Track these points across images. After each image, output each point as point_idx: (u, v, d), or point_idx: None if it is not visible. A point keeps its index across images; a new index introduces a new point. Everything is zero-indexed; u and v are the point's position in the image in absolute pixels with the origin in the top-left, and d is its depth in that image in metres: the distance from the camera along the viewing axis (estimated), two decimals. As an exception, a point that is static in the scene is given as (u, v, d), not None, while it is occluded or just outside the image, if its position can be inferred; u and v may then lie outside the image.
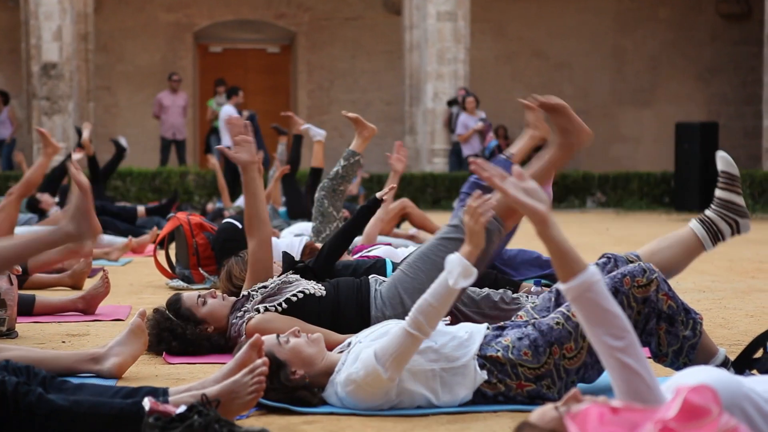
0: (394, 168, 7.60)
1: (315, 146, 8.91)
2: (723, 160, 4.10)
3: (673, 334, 3.67)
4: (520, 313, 3.88)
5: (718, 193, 4.10)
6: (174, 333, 4.52)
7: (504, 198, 2.78)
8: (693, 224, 4.09)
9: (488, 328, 3.74)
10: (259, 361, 3.34)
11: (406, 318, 3.44)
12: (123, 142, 14.34)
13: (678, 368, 3.71)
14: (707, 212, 4.07)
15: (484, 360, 3.59)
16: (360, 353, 3.55)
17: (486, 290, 4.91)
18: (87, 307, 5.88)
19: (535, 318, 3.77)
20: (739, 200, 4.08)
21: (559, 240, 2.65)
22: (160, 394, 3.27)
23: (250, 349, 3.42)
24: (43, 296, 5.96)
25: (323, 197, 7.36)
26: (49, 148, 7.12)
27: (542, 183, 6.98)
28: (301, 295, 4.57)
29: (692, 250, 4.11)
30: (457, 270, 3.41)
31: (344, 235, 5.40)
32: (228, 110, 17.81)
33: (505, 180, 2.69)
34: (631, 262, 3.91)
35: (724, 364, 3.77)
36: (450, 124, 18.86)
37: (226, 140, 17.33)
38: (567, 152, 4.60)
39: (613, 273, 3.70)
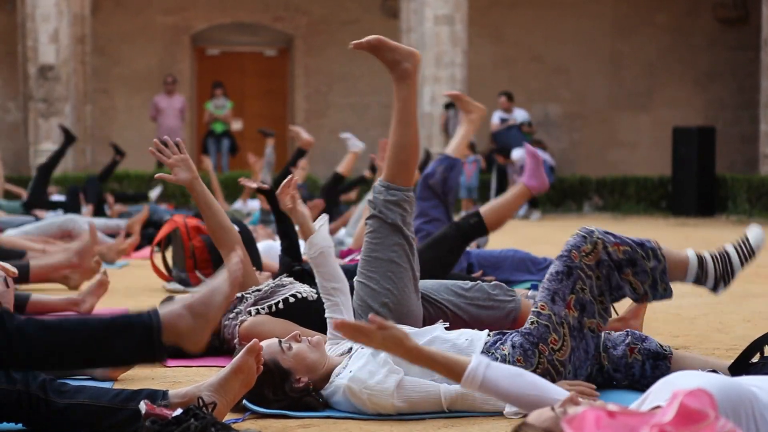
0: (381, 168, 7.56)
1: (349, 155, 9.95)
2: (757, 238, 3.88)
3: (641, 273, 3.67)
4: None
5: (729, 249, 3.84)
6: None
7: None
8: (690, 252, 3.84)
9: (488, 335, 3.73)
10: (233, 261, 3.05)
11: (447, 384, 3.46)
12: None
13: (661, 297, 3.71)
14: (706, 252, 3.85)
15: (485, 368, 3.59)
16: (367, 364, 3.52)
17: (478, 282, 4.78)
18: (83, 308, 5.82)
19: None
20: (737, 268, 3.83)
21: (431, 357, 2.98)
22: (160, 397, 3.27)
23: (247, 354, 3.30)
24: (37, 295, 5.84)
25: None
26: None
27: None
28: (293, 299, 4.57)
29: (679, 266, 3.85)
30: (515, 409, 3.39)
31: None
32: (498, 116, 18.61)
33: None
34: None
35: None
36: (447, 127, 18.84)
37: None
38: (407, 80, 4.20)
39: (561, 251, 3.69)
